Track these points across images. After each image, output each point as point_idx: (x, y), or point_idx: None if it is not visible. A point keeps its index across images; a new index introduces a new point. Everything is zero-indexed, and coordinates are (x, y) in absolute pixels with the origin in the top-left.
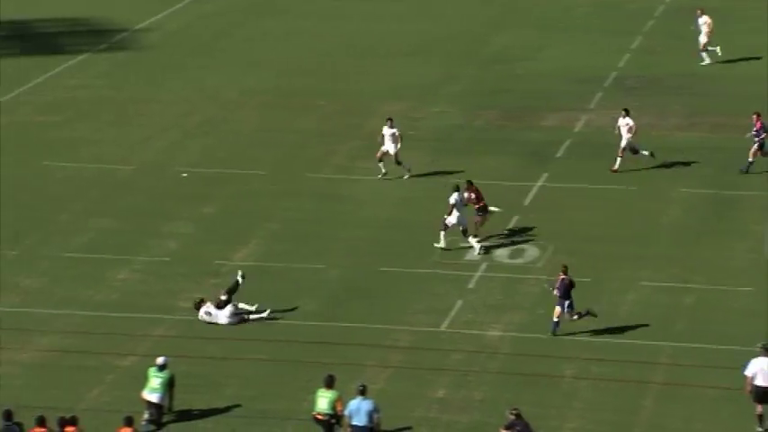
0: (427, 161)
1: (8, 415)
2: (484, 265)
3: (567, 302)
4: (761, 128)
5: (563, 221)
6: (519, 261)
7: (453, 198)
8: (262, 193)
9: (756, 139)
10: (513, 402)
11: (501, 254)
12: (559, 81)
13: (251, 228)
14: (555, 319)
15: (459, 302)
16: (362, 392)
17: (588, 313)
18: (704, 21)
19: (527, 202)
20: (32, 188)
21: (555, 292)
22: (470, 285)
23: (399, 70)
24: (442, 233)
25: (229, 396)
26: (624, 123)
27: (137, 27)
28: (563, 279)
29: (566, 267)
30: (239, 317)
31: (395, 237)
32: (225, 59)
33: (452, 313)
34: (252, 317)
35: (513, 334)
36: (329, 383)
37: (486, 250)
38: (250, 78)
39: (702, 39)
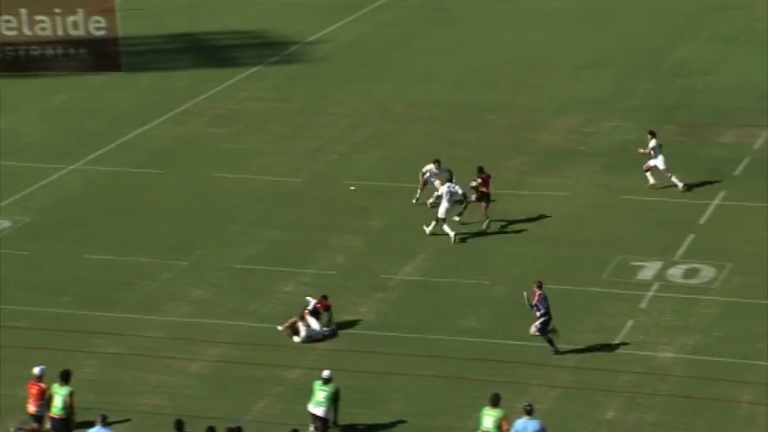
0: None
1: (179, 425)
2: (657, 285)
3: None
4: None
5: (740, 241)
6: (694, 281)
7: (443, 189)
8: (429, 208)
9: None
10: (687, 426)
11: (675, 273)
12: (739, 96)
13: (418, 242)
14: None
15: (630, 322)
16: (529, 412)
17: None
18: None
19: (703, 220)
20: (202, 199)
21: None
22: (642, 305)
23: (571, 83)
24: (433, 224)
25: (395, 411)
26: None
27: (309, 39)
28: (540, 294)
29: (540, 282)
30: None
31: (562, 254)
32: (395, 71)
33: (623, 333)
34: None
35: (687, 356)
36: (495, 402)
37: (463, 239)
38: (420, 91)
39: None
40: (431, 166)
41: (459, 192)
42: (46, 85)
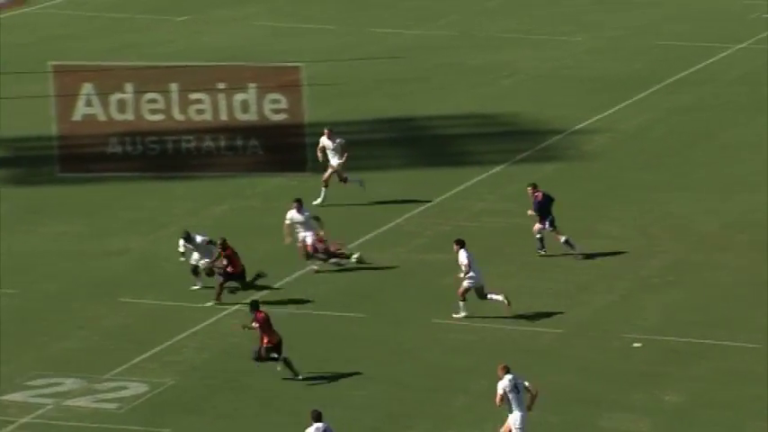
0: None
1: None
2: None
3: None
4: None
5: None
6: None
7: (464, 256)
8: None
9: None
10: None
11: None
12: None
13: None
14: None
15: None
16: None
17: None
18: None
19: None
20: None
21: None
22: None
23: None
24: (462, 303)
25: None
26: None
27: (575, 128)
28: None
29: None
30: None
31: None
32: (701, 175)
33: None
34: None
35: None
36: None
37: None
38: (739, 203)
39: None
40: None
41: None
42: (202, 192)
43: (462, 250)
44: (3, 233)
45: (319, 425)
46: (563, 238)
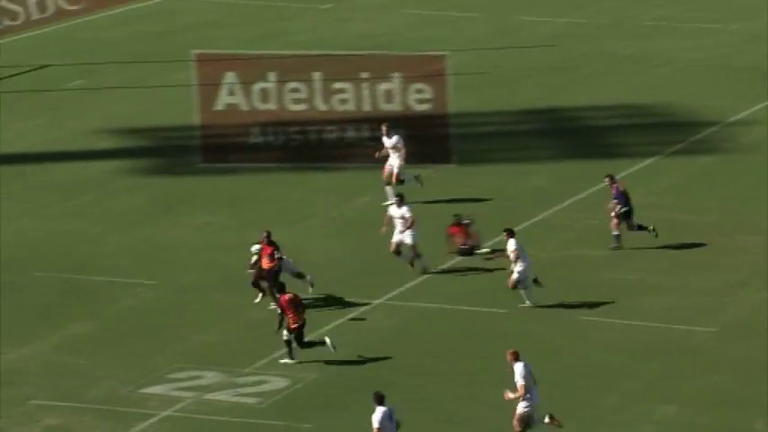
0: None
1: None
2: None
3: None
4: None
5: None
6: None
7: (514, 244)
8: None
9: None
10: None
11: None
12: None
13: None
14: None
15: None
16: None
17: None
18: None
19: None
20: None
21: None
22: None
23: None
24: (523, 292)
25: None
26: None
27: (732, 119)
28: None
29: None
30: None
31: None
32: None
33: None
34: None
35: None
36: None
37: None
38: None
39: None
40: None
41: None
42: (344, 184)
43: (512, 239)
44: (144, 224)
45: (383, 408)
46: (636, 227)
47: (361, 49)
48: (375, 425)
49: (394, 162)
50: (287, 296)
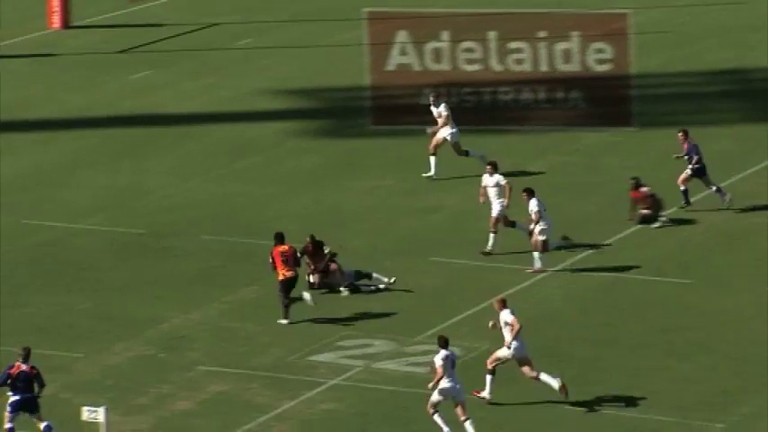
0: None
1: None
2: None
3: None
4: None
5: None
6: None
7: (535, 204)
8: None
9: None
10: None
11: None
12: None
13: None
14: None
15: None
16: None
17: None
18: None
19: None
20: None
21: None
22: None
23: None
24: (536, 254)
25: None
26: None
27: None
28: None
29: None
30: None
31: None
32: None
33: None
34: None
35: None
36: None
37: None
38: None
39: None
40: None
41: None
42: (519, 147)
43: (534, 199)
44: (312, 187)
45: (446, 352)
46: (713, 188)
47: (539, 7)
48: (437, 363)
49: (443, 132)
50: (281, 248)
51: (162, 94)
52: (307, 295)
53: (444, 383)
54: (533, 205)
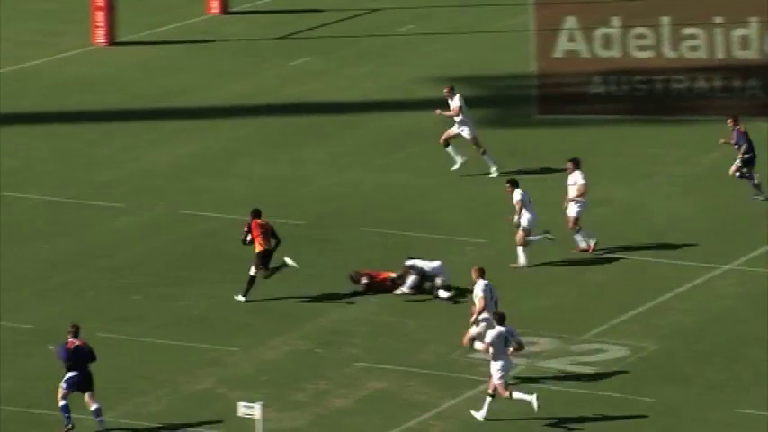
0: None
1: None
2: None
3: None
4: None
5: None
6: None
7: (519, 195)
8: None
9: None
10: None
11: None
12: None
13: None
14: None
15: None
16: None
17: None
18: None
19: None
20: None
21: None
22: None
23: None
24: (521, 249)
25: None
26: None
27: None
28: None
29: None
30: None
31: None
32: None
33: None
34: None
35: None
36: None
37: None
38: None
39: None
40: None
41: None
42: (692, 138)
43: (517, 190)
44: (475, 179)
45: (502, 328)
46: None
47: None
48: (487, 339)
49: (457, 127)
50: (257, 222)
51: (321, 82)
52: (289, 260)
53: (500, 362)
54: (517, 196)
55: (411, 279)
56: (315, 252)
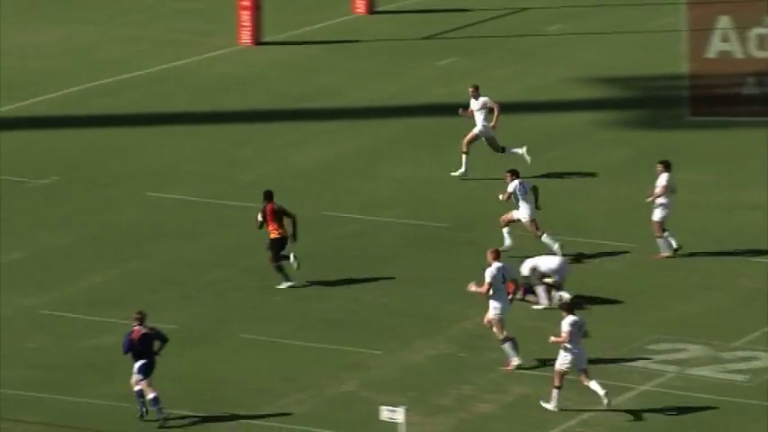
0: None
1: None
2: None
3: None
4: None
5: None
6: None
7: (513, 186)
8: None
9: None
10: None
11: None
12: None
13: None
14: None
15: None
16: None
17: None
18: None
19: None
20: None
21: None
22: None
23: None
24: (506, 230)
25: None
26: None
27: None
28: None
29: None
30: None
31: None
32: None
33: None
34: None
35: None
36: None
37: None
38: None
39: None
40: None
41: None
42: None
43: (515, 181)
44: (622, 180)
45: (574, 317)
46: None
47: None
48: (564, 329)
49: (478, 127)
50: (270, 205)
51: (468, 83)
52: (293, 258)
53: (571, 350)
54: (511, 187)
55: (540, 291)
56: (459, 254)
